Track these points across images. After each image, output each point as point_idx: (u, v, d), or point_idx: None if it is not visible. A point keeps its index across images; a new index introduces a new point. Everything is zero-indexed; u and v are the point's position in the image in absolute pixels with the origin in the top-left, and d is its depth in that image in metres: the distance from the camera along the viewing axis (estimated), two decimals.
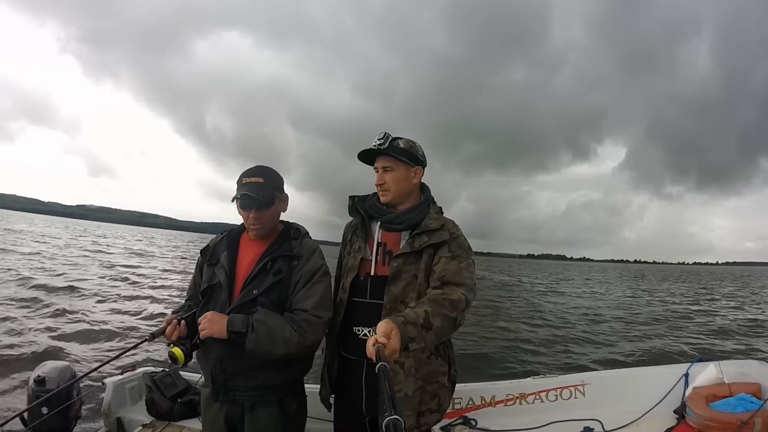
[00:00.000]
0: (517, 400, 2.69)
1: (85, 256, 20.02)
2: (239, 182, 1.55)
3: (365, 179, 1.66)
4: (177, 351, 1.46)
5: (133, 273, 14.82)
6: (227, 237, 1.66)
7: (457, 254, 1.49)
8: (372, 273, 1.56)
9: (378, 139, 1.55)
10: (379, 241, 1.59)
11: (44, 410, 2.07)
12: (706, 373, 2.45)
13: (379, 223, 1.61)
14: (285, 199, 1.62)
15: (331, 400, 1.71)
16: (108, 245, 28.29)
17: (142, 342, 1.70)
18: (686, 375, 2.50)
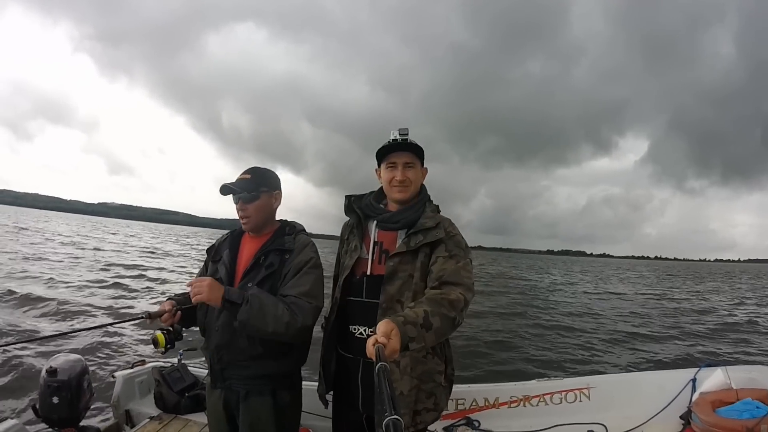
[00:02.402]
0: (522, 402, 2.68)
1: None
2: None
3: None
4: (160, 336, 1.56)
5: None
6: (230, 236, 1.77)
7: (454, 253, 1.49)
8: (368, 272, 1.56)
9: (401, 134, 1.55)
10: (376, 240, 1.59)
11: (54, 400, 2.15)
12: (713, 379, 2.41)
13: (375, 222, 1.62)
14: (276, 196, 1.69)
15: (329, 398, 1.73)
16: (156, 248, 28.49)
17: (139, 319, 1.77)
18: (693, 380, 2.47)
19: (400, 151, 1.58)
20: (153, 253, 24.26)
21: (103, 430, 2.51)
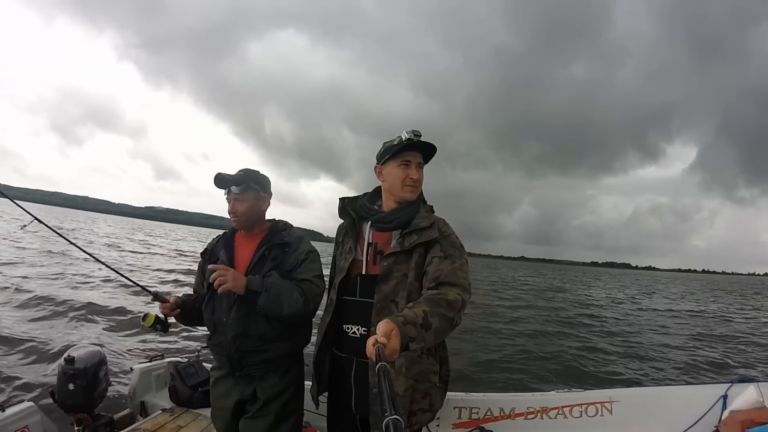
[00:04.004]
0: (539, 414, 2.56)
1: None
2: None
3: (424, 184, 1.65)
4: (152, 316, 1.75)
5: None
6: (223, 238, 1.87)
7: (449, 253, 1.48)
8: (363, 273, 1.57)
9: (415, 135, 1.55)
10: (370, 241, 1.59)
11: (70, 386, 2.25)
12: (745, 396, 2.23)
13: (369, 223, 1.62)
14: (266, 198, 1.81)
15: (322, 399, 1.73)
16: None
17: (145, 291, 1.90)
18: (724, 396, 2.29)
19: (415, 150, 1.57)
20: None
21: (117, 419, 2.58)
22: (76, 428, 2.22)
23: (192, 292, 1.93)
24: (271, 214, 1.88)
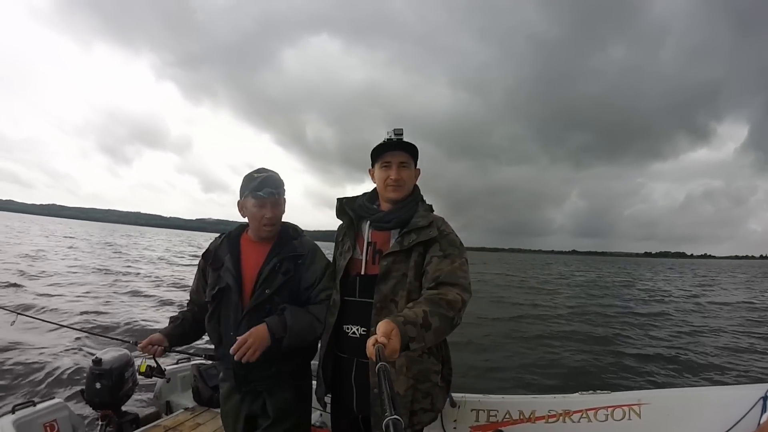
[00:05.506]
0: (561, 418, 2.44)
1: None
2: (251, 177, 1.63)
3: (468, 182, 1.46)
4: (143, 364, 1.79)
5: None
6: (227, 240, 1.72)
7: (448, 252, 1.47)
8: (362, 272, 1.57)
9: (396, 133, 1.56)
10: (369, 240, 1.60)
11: (97, 385, 2.39)
12: None
13: (368, 222, 1.62)
14: (285, 201, 1.72)
15: (327, 400, 1.73)
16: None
17: (126, 343, 2.00)
18: (764, 398, 2.13)
19: (395, 150, 1.58)
20: None
21: (143, 417, 2.70)
22: (100, 423, 2.32)
23: (189, 301, 1.86)
24: (319, 219, 1.81)
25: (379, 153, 1.59)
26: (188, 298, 1.86)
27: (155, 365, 1.78)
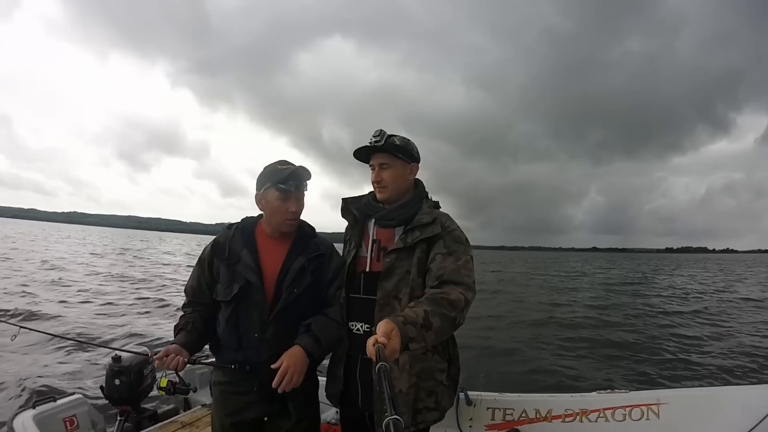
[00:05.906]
0: (578, 417, 2.41)
1: None
2: (274, 169, 1.54)
3: (487, 180, 1.44)
4: (163, 381, 1.80)
5: None
6: (240, 233, 1.60)
7: (453, 249, 1.46)
8: (367, 269, 1.58)
9: (374, 137, 1.57)
10: (374, 238, 1.61)
11: (116, 381, 2.42)
12: None
13: (373, 220, 1.63)
14: None
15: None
16: None
17: (143, 355, 2.02)
18: None
19: (375, 153, 1.59)
20: None
21: (161, 413, 2.75)
22: (119, 419, 2.38)
23: (188, 301, 1.65)
24: (335, 221, 1.74)
25: (364, 158, 1.62)
26: (186, 299, 1.66)
27: (177, 380, 1.68)
